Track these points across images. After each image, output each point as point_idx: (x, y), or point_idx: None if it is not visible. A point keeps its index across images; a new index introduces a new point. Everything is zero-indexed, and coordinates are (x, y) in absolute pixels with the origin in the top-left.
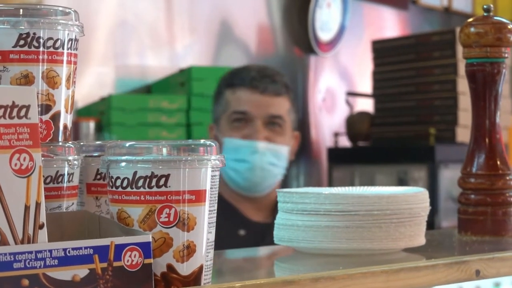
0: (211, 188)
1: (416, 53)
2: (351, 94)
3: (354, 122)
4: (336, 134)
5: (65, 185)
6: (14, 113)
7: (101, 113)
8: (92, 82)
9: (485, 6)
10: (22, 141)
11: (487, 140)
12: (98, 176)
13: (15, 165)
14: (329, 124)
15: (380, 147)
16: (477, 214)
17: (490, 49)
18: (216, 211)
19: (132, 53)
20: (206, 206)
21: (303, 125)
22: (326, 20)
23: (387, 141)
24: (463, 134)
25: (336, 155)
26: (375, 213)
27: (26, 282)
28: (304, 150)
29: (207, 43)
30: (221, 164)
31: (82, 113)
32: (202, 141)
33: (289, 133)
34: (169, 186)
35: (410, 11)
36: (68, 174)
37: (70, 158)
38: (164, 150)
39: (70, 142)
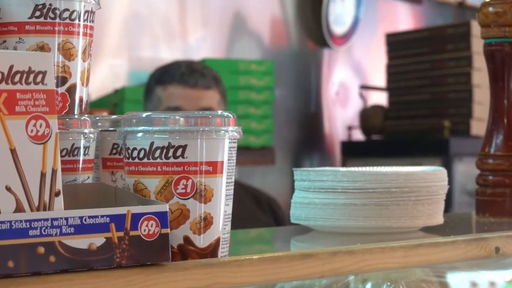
0: (228, 159)
1: (430, 46)
2: (365, 87)
3: (367, 116)
4: (350, 128)
5: (81, 158)
6: (31, 78)
7: (114, 105)
8: (105, 74)
9: None
10: (38, 107)
11: (505, 120)
12: (114, 151)
13: (32, 131)
14: (342, 117)
15: (394, 140)
16: (495, 196)
17: (509, 28)
18: (233, 183)
19: (145, 46)
20: (223, 178)
21: (316, 118)
22: (340, 13)
23: (401, 134)
24: (478, 127)
25: (350, 148)
26: (393, 190)
27: (42, 249)
28: (317, 144)
29: (220, 36)
30: (239, 136)
31: (95, 105)
32: (219, 112)
33: None
34: (186, 157)
35: (424, 5)
36: (84, 147)
37: (86, 131)
38: (181, 121)
39: (86, 116)
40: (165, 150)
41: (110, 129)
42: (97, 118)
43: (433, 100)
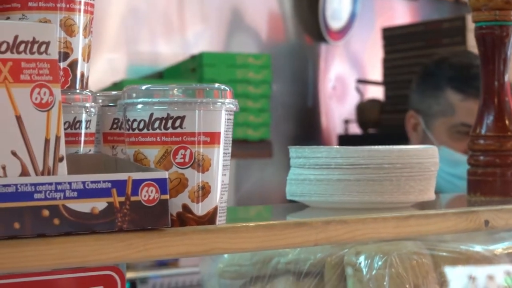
0: (225, 131)
1: (426, 40)
2: (361, 81)
3: (364, 109)
4: (347, 121)
5: (82, 131)
6: (35, 48)
7: None
8: (104, 69)
9: None
10: (42, 76)
11: (496, 101)
12: (115, 126)
13: (36, 99)
14: (339, 111)
15: (390, 133)
16: (486, 175)
17: (499, 12)
18: (230, 155)
19: (144, 40)
20: (220, 148)
21: (313, 112)
22: (337, 8)
23: (397, 127)
24: None
25: (347, 142)
26: (386, 166)
27: (46, 212)
28: (314, 137)
29: (218, 30)
30: (235, 108)
31: None
32: (216, 85)
33: None
34: (185, 128)
35: (420, 1)
36: (85, 121)
37: (87, 105)
38: (180, 93)
39: (87, 90)
40: (164, 121)
41: (110, 104)
42: (98, 94)
43: None
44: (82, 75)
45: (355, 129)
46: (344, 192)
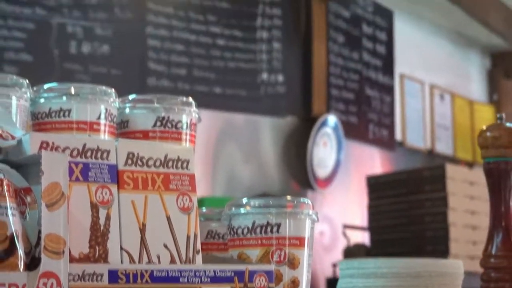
0: (309, 236)
1: (408, 187)
2: (348, 226)
3: (351, 254)
4: (335, 265)
5: None
6: (179, 165)
7: None
8: None
9: (498, 115)
10: (184, 186)
11: (503, 224)
12: (209, 236)
13: (180, 204)
14: (327, 255)
15: None
16: None
17: (504, 150)
18: (312, 256)
19: None
20: (305, 250)
21: None
22: (322, 157)
23: None
24: None
25: (335, 285)
26: (423, 274)
27: None
28: None
29: (211, 177)
30: (317, 219)
31: None
32: (301, 199)
33: None
34: (280, 232)
35: (397, 152)
36: None
37: None
38: (275, 204)
39: None
40: (264, 227)
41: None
42: None
43: (412, 238)
44: None
45: None
46: None
